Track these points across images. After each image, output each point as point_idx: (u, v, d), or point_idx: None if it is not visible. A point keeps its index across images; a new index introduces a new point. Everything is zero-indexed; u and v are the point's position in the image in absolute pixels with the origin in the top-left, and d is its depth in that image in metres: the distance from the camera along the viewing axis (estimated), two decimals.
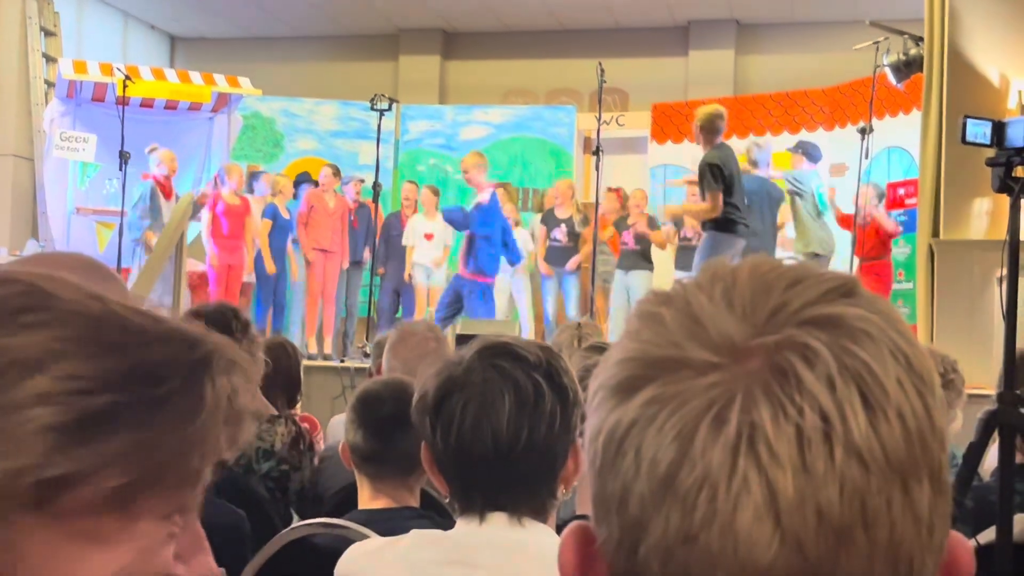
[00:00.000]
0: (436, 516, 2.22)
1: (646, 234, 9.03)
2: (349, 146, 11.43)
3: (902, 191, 9.20)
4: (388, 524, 2.04)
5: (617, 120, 11.62)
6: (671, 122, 10.98)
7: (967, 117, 2.93)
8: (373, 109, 8.68)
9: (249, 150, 11.31)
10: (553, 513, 1.61)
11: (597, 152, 7.85)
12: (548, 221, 9.44)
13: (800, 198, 8.21)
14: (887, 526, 0.50)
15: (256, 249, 9.09)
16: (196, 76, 10.65)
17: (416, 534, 1.59)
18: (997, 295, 2.81)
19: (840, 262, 8.31)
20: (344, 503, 2.54)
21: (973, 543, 2.34)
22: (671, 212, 8.22)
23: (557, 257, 9.30)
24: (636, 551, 0.52)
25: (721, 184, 6.65)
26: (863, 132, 7.60)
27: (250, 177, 9.59)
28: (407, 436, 2.29)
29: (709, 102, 10.89)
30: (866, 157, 7.70)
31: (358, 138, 11.28)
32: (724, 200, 6.66)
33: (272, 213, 9.15)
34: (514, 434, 1.54)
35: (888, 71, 7.10)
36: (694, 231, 8.46)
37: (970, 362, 5.27)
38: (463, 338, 6.42)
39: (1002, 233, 2.93)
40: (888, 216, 8.43)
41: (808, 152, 8.57)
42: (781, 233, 8.44)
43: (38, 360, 0.61)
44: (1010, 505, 2.51)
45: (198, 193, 9.22)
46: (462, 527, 1.56)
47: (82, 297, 0.65)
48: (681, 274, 8.65)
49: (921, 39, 6.65)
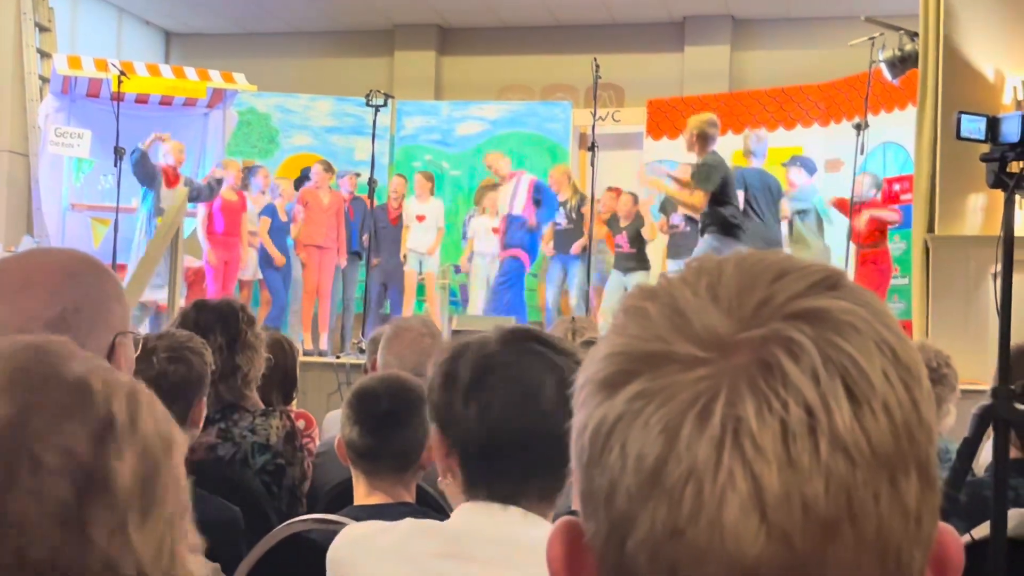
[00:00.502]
0: (432, 512, 2.22)
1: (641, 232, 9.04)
2: (344, 142, 11.41)
3: (897, 187, 9.19)
4: (383, 520, 2.04)
5: (613, 116, 11.61)
6: (667, 118, 10.97)
7: (961, 113, 2.93)
8: (368, 105, 8.66)
9: (244, 146, 11.29)
10: (555, 508, 1.59)
11: (592, 148, 7.85)
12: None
13: (802, 217, 8.18)
14: (874, 519, 0.50)
15: (258, 246, 9.08)
16: (191, 72, 10.63)
17: (411, 523, 1.56)
18: (992, 290, 2.80)
19: (836, 246, 8.31)
20: (339, 499, 2.54)
21: (967, 538, 2.35)
22: (654, 183, 8.16)
23: (560, 241, 9.28)
24: (624, 546, 0.52)
25: (715, 186, 6.67)
26: (858, 128, 7.59)
27: (247, 172, 9.57)
28: (403, 432, 2.30)
29: (705, 98, 10.95)
30: (861, 153, 7.69)
31: (353, 134, 11.26)
32: (724, 203, 6.68)
33: (271, 212, 9.15)
34: (556, 415, 1.47)
35: (883, 67, 7.11)
36: (683, 220, 8.48)
37: (965, 357, 5.28)
38: (459, 334, 6.41)
39: (997, 229, 2.93)
40: (889, 211, 8.35)
41: (805, 165, 8.57)
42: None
43: None
44: (1004, 500, 2.51)
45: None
46: (460, 518, 1.52)
47: None
48: (675, 264, 8.67)
49: (916, 35, 6.65)
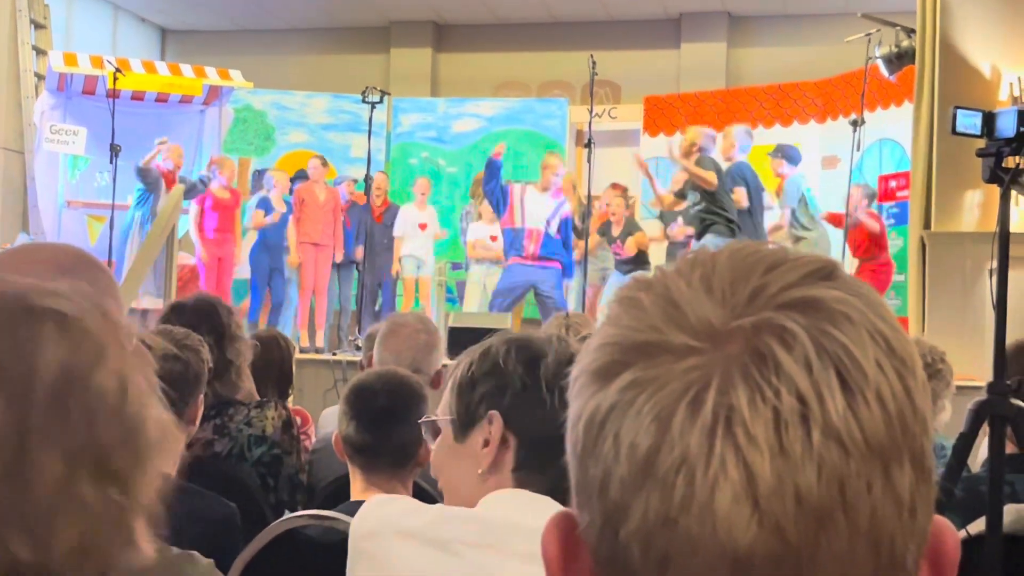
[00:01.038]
0: None
1: (641, 244, 8.98)
2: (341, 139, 11.40)
3: (894, 183, 9.20)
4: None
5: (609, 113, 11.61)
6: (663, 115, 10.97)
7: (957, 108, 2.93)
8: (364, 102, 8.65)
9: (240, 143, 11.28)
10: None
11: (589, 145, 7.85)
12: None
13: (798, 229, 8.13)
14: (867, 509, 0.50)
15: (254, 241, 9.06)
16: (187, 69, 10.61)
17: (441, 509, 1.50)
18: (988, 287, 2.81)
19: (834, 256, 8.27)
20: (336, 495, 2.54)
21: (963, 534, 2.35)
22: (665, 194, 8.12)
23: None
24: (617, 535, 0.52)
25: (715, 172, 6.70)
26: (855, 124, 7.59)
27: (254, 174, 9.52)
28: (400, 428, 2.29)
29: (701, 95, 10.95)
30: (858, 149, 7.69)
31: (349, 131, 11.25)
32: (721, 206, 6.71)
33: (264, 205, 9.13)
34: None
35: (880, 63, 7.10)
36: (684, 236, 8.37)
37: (962, 354, 5.29)
38: (456, 331, 6.41)
39: (993, 225, 2.93)
40: (870, 218, 8.13)
41: (787, 155, 8.44)
42: None
43: None
44: (1000, 495, 2.52)
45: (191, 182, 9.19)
46: (497, 507, 1.46)
47: None
48: None
49: (913, 31, 6.65)
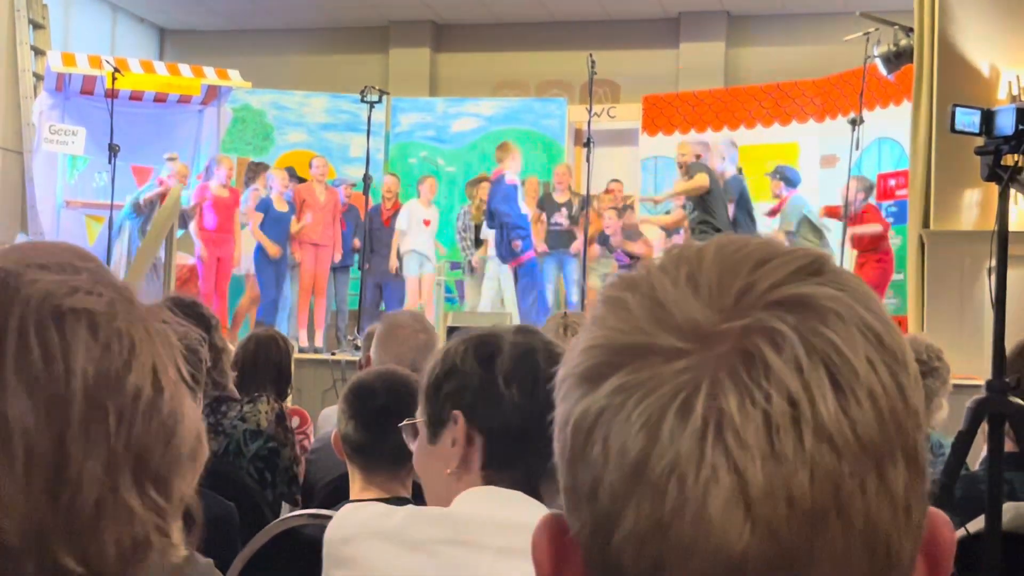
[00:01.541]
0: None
1: (634, 252, 8.98)
2: (339, 139, 11.40)
3: (893, 182, 9.19)
4: None
5: (608, 112, 11.62)
6: (662, 114, 10.97)
7: (956, 106, 2.93)
8: (363, 101, 8.64)
9: (239, 143, 11.28)
10: None
11: (588, 144, 7.84)
12: (547, 206, 9.36)
13: (791, 236, 8.12)
14: (862, 510, 0.50)
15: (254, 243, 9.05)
16: (185, 69, 10.60)
17: (411, 510, 1.52)
18: (987, 285, 2.80)
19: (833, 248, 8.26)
20: (335, 494, 2.54)
21: (963, 532, 2.35)
22: (660, 198, 8.13)
23: (559, 240, 9.23)
24: (609, 541, 0.52)
25: (707, 173, 6.70)
26: (854, 123, 7.58)
27: (250, 165, 9.49)
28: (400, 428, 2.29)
29: (700, 94, 10.95)
30: (857, 148, 7.69)
31: (348, 131, 11.25)
32: (712, 212, 6.71)
33: (265, 206, 9.12)
34: None
35: (879, 62, 7.10)
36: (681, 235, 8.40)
37: (961, 352, 5.29)
38: (454, 330, 6.41)
39: (992, 223, 2.93)
40: (871, 219, 8.01)
41: (786, 177, 8.46)
42: None
43: None
44: (999, 493, 2.51)
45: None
46: (468, 504, 1.49)
47: None
48: None
49: (911, 30, 6.65)
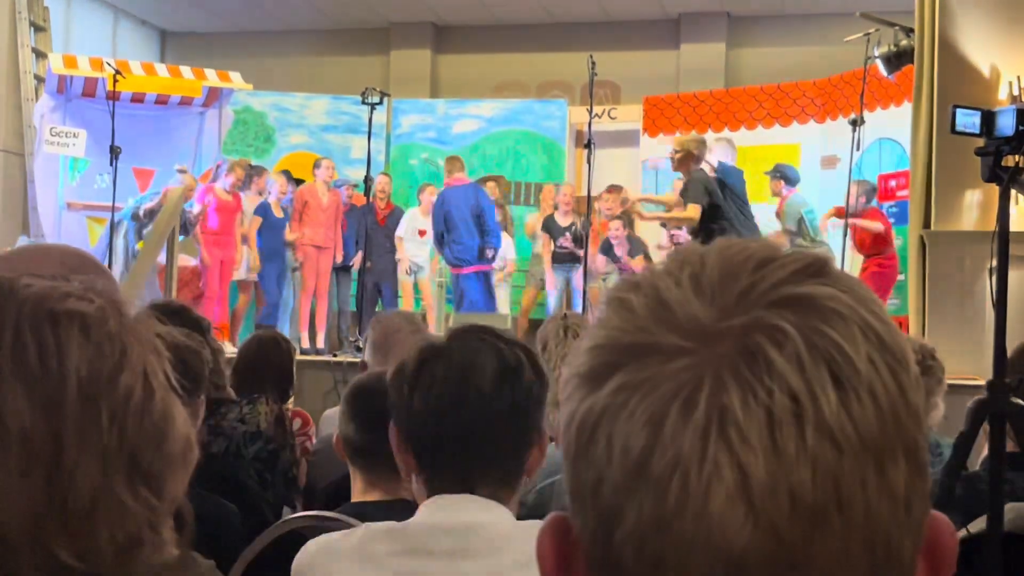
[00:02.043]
0: None
1: (632, 269, 8.99)
2: (341, 140, 11.40)
3: (893, 183, 9.19)
4: (380, 517, 2.03)
5: (609, 113, 11.61)
6: (663, 115, 10.97)
7: (956, 107, 2.93)
8: (364, 103, 8.63)
9: (240, 145, 11.28)
10: (519, 495, 1.59)
11: (589, 145, 7.83)
12: (551, 229, 9.33)
13: (793, 238, 8.11)
14: (862, 507, 0.50)
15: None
16: (187, 71, 10.61)
17: (368, 527, 1.56)
18: (988, 286, 2.81)
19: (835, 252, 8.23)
20: (336, 496, 2.54)
21: (964, 532, 2.35)
22: (650, 217, 8.07)
23: (565, 260, 9.29)
24: (611, 538, 0.52)
25: (706, 199, 6.69)
26: (854, 124, 7.57)
27: (248, 168, 9.47)
28: None
29: (701, 95, 10.95)
30: (857, 149, 7.68)
31: (349, 132, 11.25)
32: (715, 218, 6.69)
33: (263, 211, 9.11)
34: (497, 395, 1.52)
35: (879, 63, 7.10)
36: (684, 233, 8.38)
37: (962, 353, 5.29)
38: None
39: (993, 224, 2.93)
40: (872, 219, 7.95)
41: (786, 176, 8.43)
42: None
43: None
44: (1000, 494, 2.51)
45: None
46: (421, 514, 1.53)
47: None
48: None
49: (912, 31, 6.65)
